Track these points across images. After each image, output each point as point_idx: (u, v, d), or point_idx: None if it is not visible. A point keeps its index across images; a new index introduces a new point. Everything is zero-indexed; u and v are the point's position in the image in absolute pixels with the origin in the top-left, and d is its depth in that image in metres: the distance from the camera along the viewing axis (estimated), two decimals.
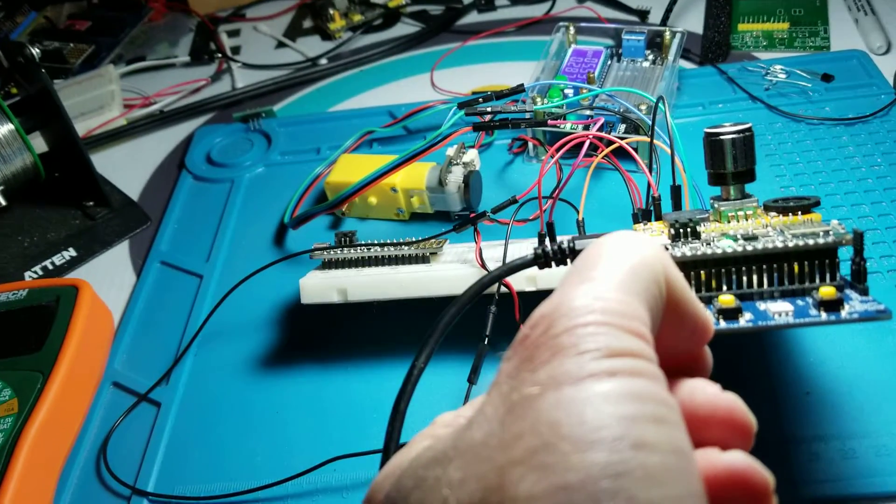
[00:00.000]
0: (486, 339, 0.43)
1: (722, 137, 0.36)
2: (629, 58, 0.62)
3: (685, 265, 0.33)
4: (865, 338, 0.44)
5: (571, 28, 0.65)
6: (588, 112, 0.56)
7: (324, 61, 0.80)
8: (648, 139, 0.43)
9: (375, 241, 0.49)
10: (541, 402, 0.20)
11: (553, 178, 0.53)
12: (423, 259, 0.48)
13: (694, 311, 0.26)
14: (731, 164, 0.36)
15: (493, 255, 0.46)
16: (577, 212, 0.45)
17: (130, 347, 0.53)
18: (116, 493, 0.44)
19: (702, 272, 0.33)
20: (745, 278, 0.33)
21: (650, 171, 0.45)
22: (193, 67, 0.83)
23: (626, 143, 0.48)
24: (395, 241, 0.49)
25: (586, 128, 0.55)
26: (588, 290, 0.22)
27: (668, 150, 0.42)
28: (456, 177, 0.56)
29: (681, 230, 0.35)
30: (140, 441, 0.47)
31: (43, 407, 0.44)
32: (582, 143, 0.57)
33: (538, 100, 0.58)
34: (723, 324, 0.31)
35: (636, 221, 0.45)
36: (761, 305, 0.32)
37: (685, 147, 0.58)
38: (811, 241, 0.32)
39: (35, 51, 0.58)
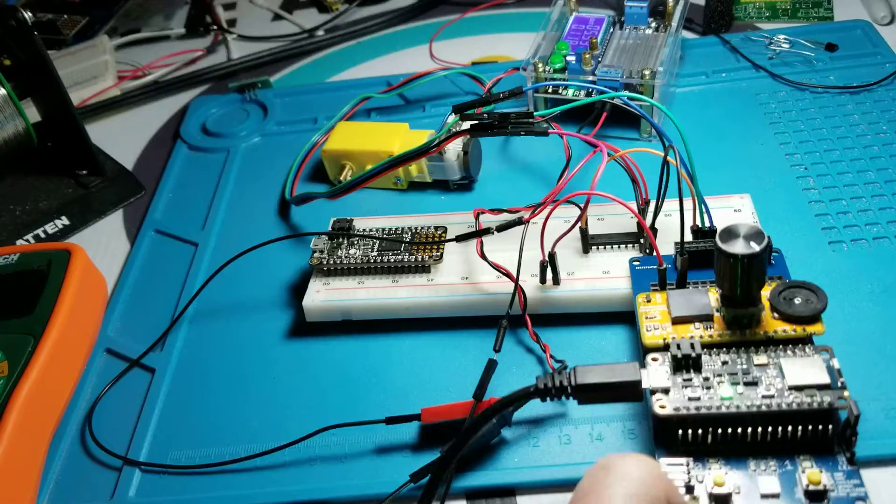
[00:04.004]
0: (496, 355, 0.42)
1: (733, 258, 0.35)
2: (632, 25, 0.61)
3: (684, 420, 0.34)
4: (873, 301, 0.44)
5: None
6: (591, 78, 0.56)
7: (321, 33, 0.79)
8: (661, 154, 0.43)
9: (374, 235, 0.48)
10: None
11: (561, 153, 0.51)
12: (425, 269, 0.47)
13: None
14: (740, 283, 0.36)
15: (494, 252, 0.45)
16: (582, 212, 0.44)
17: (124, 315, 0.52)
18: (105, 465, 0.43)
19: (699, 429, 0.34)
20: (739, 431, 0.34)
21: (658, 207, 0.44)
22: (189, 40, 0.82)
23: (638, 150, 0.47)
24: (393, 230, 0.49)
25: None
26: None
27: (675, 163, 0.41)
28: (455, 145, 0.55)
29: (682, 361, 0.35)
30: (134, 408, 0.46)
31: (34, 370, 0.43)
32: (591, 111, 0.56)
33: (540, 66, 0.57)
34: None
35: (640, 232, 0.45)
36: (751, 466, 0.34)
37: (687, 117, 0.57)
38: (807, 403, 0.33)
39: (28, 14, 0.57)
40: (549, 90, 0.57)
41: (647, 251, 0.45)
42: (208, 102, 0.70)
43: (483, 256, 0.44)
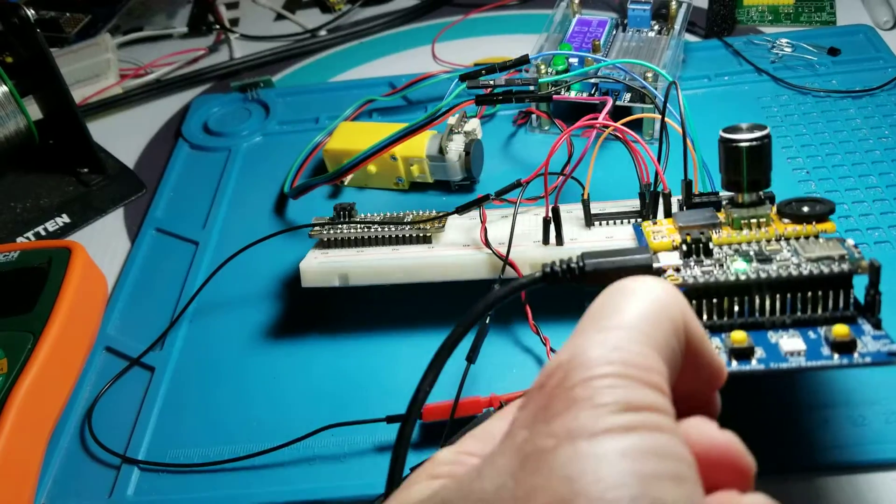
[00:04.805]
0: (488, 318, 0.42)
1: (738, 145, 0.34)
2: (634, 27, 0.61)
3: (697, 291, 0.32)
4: None
5: None
6: (593, 80, 0.55)
7: (323, 33, 0.79)
8: (659, 117, 0.42)
9: (376, 217, 0.48)
10: (555, 457, 0.19)
11: (563, 155, 0.52)
12: (426, 239, 0.46)
13: (710, 360, 0.25)
14: (746, 173, 0.35)
15: (498, 234, 0.45)
16: (584, 188, 0.44)
17: (124, 313, 0.52)
18: (104, 463, 0.43)
19: (714, 299, 0.32)
20: (756, 303, 0.32)
21: (660, 153, 0.44)
22: (191, 39, 0.82)
23: (634, 117, 0.47)
24: (395, 214, 0.48)
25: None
26: (606, 339, 0.22)
27: (679, 130, 0.41)
28: (457, 145, 0.55)
29: (692, 246, 0.34)
30: (133, 406, 0.46)
31: (33, 367, 0.43)
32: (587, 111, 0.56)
33: (543, 68, 0.57)
34: (735, 365, 0.31)
35: (643, 203, 0.44)
36: (773, 337, 0.32)
37: (693, 121, 0.57)
38: (826, 269, 0.32)
39: (30, 12, 0.57)
40: (553, 98, 0.56)
41: (651, 218, 0.44)
42: (210, 101, 0.70)
43: (487, 244, 0.44)
